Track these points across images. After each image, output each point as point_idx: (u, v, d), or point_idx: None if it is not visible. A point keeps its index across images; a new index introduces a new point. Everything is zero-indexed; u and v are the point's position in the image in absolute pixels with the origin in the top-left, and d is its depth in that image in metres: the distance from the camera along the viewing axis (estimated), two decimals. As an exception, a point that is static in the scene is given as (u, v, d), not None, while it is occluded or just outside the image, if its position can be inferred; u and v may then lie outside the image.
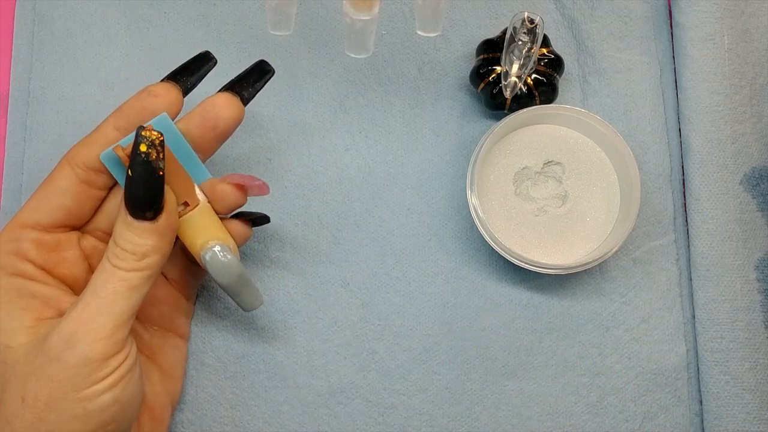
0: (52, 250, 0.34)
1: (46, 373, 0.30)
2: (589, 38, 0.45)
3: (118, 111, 0.34)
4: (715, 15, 0.43)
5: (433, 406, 0.41)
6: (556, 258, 0.41)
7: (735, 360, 0.41)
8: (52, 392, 0.30)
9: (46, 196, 0.34)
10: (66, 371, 0.30)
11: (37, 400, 0.30)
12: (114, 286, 0.31)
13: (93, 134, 0.34)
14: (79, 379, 0.30)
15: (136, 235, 0.31)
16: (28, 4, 0.44)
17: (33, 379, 0.30)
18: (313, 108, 0.44)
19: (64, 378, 0.30)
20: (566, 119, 0.42)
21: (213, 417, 0.41)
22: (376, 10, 0.35)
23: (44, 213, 0.33)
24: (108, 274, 0.31)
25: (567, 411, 0.42)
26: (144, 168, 0.30)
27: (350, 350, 0.42)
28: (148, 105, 0.34)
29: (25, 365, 0.30)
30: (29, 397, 0.30)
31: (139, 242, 0.31)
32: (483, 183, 0.42)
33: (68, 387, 0.30)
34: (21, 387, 0.30)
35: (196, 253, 0.35)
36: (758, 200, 0.42)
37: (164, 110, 0.34)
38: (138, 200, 0.31)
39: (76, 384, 0.30)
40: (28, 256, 0.33)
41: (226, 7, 0.45)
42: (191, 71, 0.36)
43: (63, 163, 0.34)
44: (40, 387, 0.30)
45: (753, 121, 0.43)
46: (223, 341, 0.41)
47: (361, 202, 0.43)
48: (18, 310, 0.32)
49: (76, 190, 0.34)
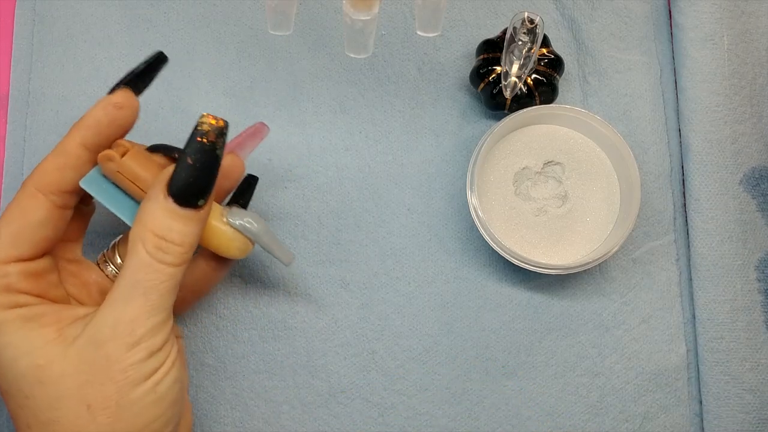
0: (40, 276, 0.33)
1: (109, 375, 0.30)
2: (589, 38, 0.45)
3: (83, 128, 0.32)
4: (715, 15, 0.43)
5: (433, 406, 0.41)
6: (556, 258, 0.41)
7: (735, 360, 0.41)
8: (121, 389, 0.30)
9: (23, 230, 0.32)
10: (131, 368, 0.30)
11: (108, 401, 0.30)
12: (165, 285, 0.30)
13: (60, 157, 0.32)
14: (144, 371, 0.30)
15: (184, 225, 0.31)
16: (28, 4, 0.44)
17: (96, 384, 0.30)
18: (313, 108, 0.44)
19: (132, 374, 0.30)
20: (566, 119, 0.42)
21: (213, 417, 0.41)
22: (376, 10, 0.35)
23: (26, 246, 0.32)
24: (155, 273, 0.30)
25: (567, 411, 0.42)
26: (208, 156, 0.30)
27: (350, 350, 0.42)
28: (117, 118, 0.33)
29: (77, 374, 0.30)
30: (96, 402, 0.30)
31: (187, 232, 0.31)
32: (483, 183, 0.42)
33: (135, 381, 0.30)
34: (81, 395, 0.30)
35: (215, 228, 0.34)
36: (758, 200, 0.42)
37: (131, 121, 0.33)
38: (194, 188, 0.30)
39: (142, 376, 0.30)
40: (20, 288, 0.32)
41: (226, 7, 0.45)
42: (147, 76, 0.34)
43: (33, 191, 0.32)
44: (107, 389, 0.30)
45: (753, 121, 0.43)
46: (223, 341, 0.41)
47: (361, 202, 0.43)
48: (33, 330, 0.31)
49: (55, 217, 0.33)
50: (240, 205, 0.37)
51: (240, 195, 0.38)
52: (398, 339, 0.42)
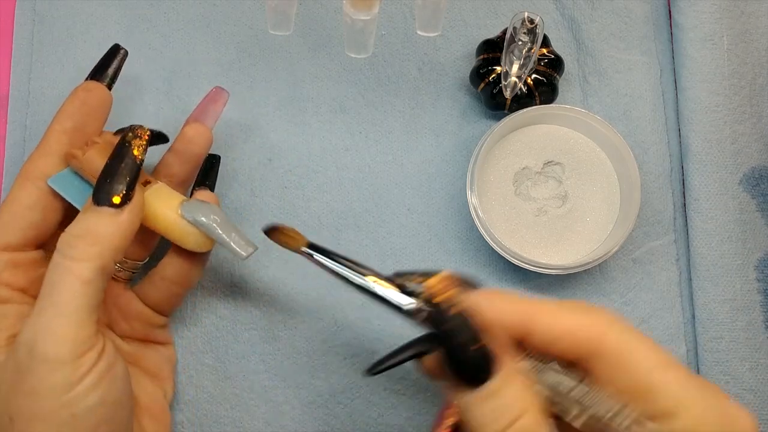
0: (28, 269, 0.33)
1: (22, 387, 0.29)
2: (589, 38, 0.45)
3: (59, 115, 0.35)
4: (715, 15, 0.43)
5: (433, 406, 0.41)
6: (556, 258, 0.41)
7: (735, 360, 0.41)
8: (32, 404, 0.29)
9: (12, 217, 0.33)
10: (40, 381, 0.28)
11: (21, 415, 0.29)
12: (66, 285, 0.29)
13: (43, 145, 0.34)
14: (57, 385, 0.28)
15: (94, 222, 0.30)
16: (28, 4, 0.44)
17: (13, 396, 0.29)
18: (313, 108, 0.44)
19: (41, 388, 0.28)
20: (566, 119, 0.42)
21: (213, 417, 0.41)
22: (376, 10, 0.35)
23: (13, 234, 0.33)
24: (61, 272, 0.29)
25: (567, 411, 0.42)
26: (125, 152, 0.31)
27: (350, 350, 0.42)
28: (87, 99, 0.35)
29: (5, 384, 0.30)
30: (16, 415, 0.29)
31: (94, 228, 0.30)
32: (483, 183, 0.42)
33: (48, 396, 0.28)
34: (6, 406, 0.29)
35: (172, 221, 0.34)
36: (758, 200, 0.42)
37: (102, 102, 0.35)
38: (110, 184, 0.31)
39: (55, 391, 0.28)
40: (2, 278, 0.32)
41: (226, 7, 0.45)
42: (107, 67, 0.37)
43: (22, 180, 0.33)
44: (22, 402, 0.29)
45: (752, 121, 0.43)
46: (223, 341, 0.41)
47: (361, 202, 0.43)
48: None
49: (43, 204, 0.33)
50: (206, 186, 0.38)
51: (204, 176, 0.38)
52: (398, 339, 0.42)
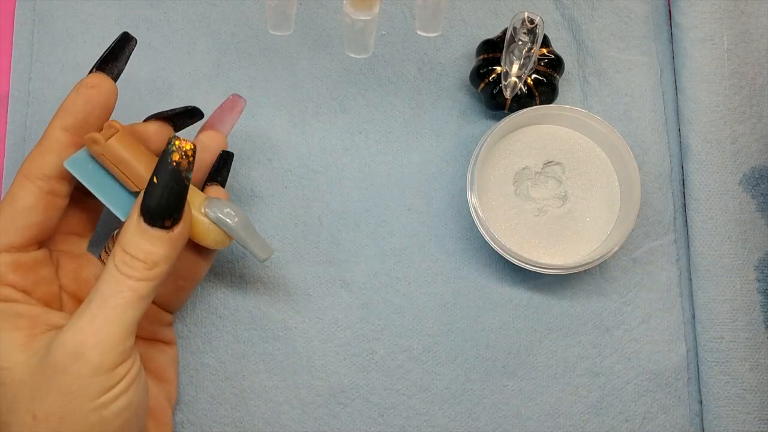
0: (31, 269, 0.33)
1: (56, 387, 0.29)
2: (589, 38, 0.45)
3: (61, 111, 0.33)
4: (715, 15, 0.43)
5: (433, 406, 0.41)
6: (556, 258, 0.41)
7: (735, 360, 0.41)
8: (66, 405, 0.29)
9: (12, 217, 0.33)
10: (78, 382, 0.29)
11: (51, 414, 0.29)
12: (124, 297, 0.30)
13: (43, 142, 0.33)
14: (93, 388, 0.29)
15: (150, 244, 0.31)
16: (28, 4, 0.44)
17: (43, 394, 0.29)
18: (313, 108, 0.44)
19: (77, 389, 0.29)
20: (566, 119, 0.42)
21: (213, 417, 0.41)
22: (376, 10, 0.35)
23: (15, 234, 0.33)
24: (117, 284, 0.30)
25: (567, 411, 0.42)
26: (173, 176, 0.30)
27: (350, 350, 0.42)
28: (90, 97, 0.34)
29: (31, 382, 0.30)
30: (41, 413, 0.29)
31: (152, 251, 0.31)
32: (483, 183, 0.42)
33: (82, 398, 0.29)
34: (30, 404, 0.30)
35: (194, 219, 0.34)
36: (758, 200, 0.42)
37: (107, 100, 0.34)
38: (160, 208, 0.30)
39: (90, 394, 0.29)
40: (7, 280, 0.32)
41: (226, 7, 0.45)
42: (116, 57, 0.35)
43: (21, 179, 0.33)
44: (52, 401, 0.29)
45: (752, 121, 0.43)
46: (223, 341, 0.41)
47: (361, 202, 0.43)
48: (6, 331, 0.31)
49: (43, 203, 0.33)
50: (218, 182, 0.37)
51: (217, 172, 0.38)
52: (398, 339, 0.42)
